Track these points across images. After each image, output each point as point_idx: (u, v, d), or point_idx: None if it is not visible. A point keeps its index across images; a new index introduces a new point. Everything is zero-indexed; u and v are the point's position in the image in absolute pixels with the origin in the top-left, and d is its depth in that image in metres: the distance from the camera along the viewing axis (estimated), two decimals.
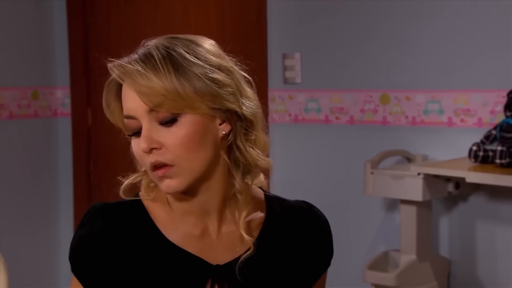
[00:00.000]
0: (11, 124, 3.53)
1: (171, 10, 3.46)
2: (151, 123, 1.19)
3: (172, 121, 1.18)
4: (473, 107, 2.87)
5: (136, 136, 1.21)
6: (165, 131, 1.18)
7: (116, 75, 1.20)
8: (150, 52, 1.20)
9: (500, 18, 2.78)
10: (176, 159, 1.18)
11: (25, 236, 3.59)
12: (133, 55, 1.21)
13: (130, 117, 1.21)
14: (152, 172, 1.20)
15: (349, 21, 3.08)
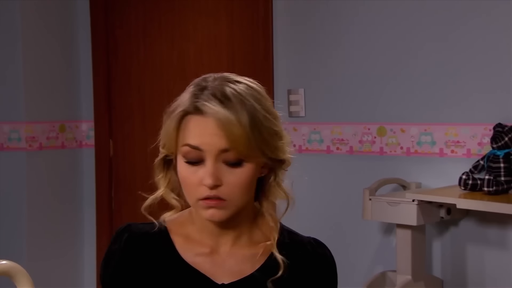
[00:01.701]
0: (41, 154, 3.54)
1: (186, 50, 3.50)
2: (218, 161, 1.18)
3: (237, 164, 1.18)
4: (462, 139, 2.88)
5: (193, 164, 1.19)
6: (228, 171, 1.18)
7: (202, 109, 1.17)
8: (231, 97, 1.18)
9: (488, 60, 2.80)
10: (231, 196, 1.19)
11: (52, 259, 3.60)
12: (215, 95, 1.18)
13: (198, 148, 1.18)
14: (201, 200, 1.19)
15: (349, 60, 3.10)
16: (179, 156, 1.21)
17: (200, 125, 1.18)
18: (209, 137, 1.17)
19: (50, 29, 3.58)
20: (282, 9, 3.24)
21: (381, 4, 3.03)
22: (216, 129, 1.17)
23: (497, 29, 2.78)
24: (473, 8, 2.83)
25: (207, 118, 1.17)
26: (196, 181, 1.19)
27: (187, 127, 1.19)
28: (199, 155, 1.19)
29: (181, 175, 1.22)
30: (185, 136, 1.19)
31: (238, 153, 1.17)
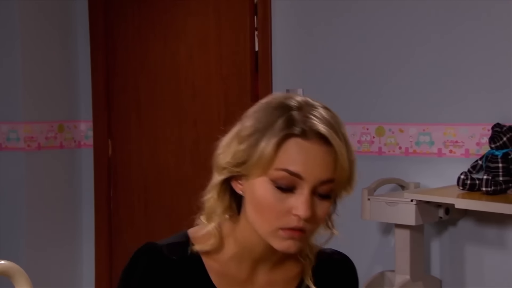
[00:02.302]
0: (40, 154, 3.55)
1: (176, 50, 3.48)
2: (313, 191, 1.10)
3: (326, 197, 1.12)
4: (461, 139, 2.87)
5: (283, 191, 1.10)
6: (317, 203, 1.11)
7: (309, 134, 1.09)
8: (334, 125, 1.11)
9: (487, 60, 2.79)
10: (311, 228, 1.12)
11: (50, 258, 3.60)
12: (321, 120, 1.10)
13: (298, 176, 1.09)
14: (283, 230, 1.11)
15: (348, 60, 3.10)
16: (264, 180, 1.10)
17: (307, 151, 1.09)
18: (313, 166, 1.09)
19: (48, 29, 3.58)
20: (281, 10, 3.23)
21: (379, 4, 3.02)
22: (324, 158, 1.09)
23: (495, 29, 2.78)
24: (472, 8, 2.83)
25: (314, 144, 1.09)
26: (284, 209, 1.10)
27: (288, 151, 1.09)
28: (295, 182, 1.09)
29: (263, 200, 1.11)
30: (283, 160, 1.09)
31: (337, 185, 1.11)
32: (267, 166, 1.10)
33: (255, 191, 1.12)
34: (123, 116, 3.63)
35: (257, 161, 1.10)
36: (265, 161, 1.10)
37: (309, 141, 1.09)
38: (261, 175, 1.11)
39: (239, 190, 1.15)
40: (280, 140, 1.09)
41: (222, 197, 1.18)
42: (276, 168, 1.10)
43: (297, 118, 1.10)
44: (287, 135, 1.10)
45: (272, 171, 1.10)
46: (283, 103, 1.13)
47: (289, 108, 1.12)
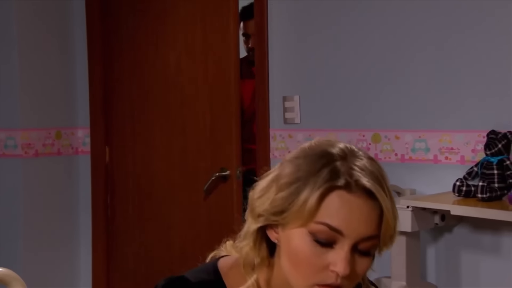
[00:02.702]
0: (37, 161, 3.55)
1: (166, 58, 3.48)
2: (353, 248, 1.05)
3: (366, 254, 1.06)
4: (456, 146, 2.87)
5: (321, 245, 1.05)
6: (357, 260, 1.06)
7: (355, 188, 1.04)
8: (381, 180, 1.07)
9: (483, 67, 2.80)
10: (349, 285, 1.07)
11: (48, 264, 3.59)
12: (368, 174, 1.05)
13: (338, 231, 1.04)
14: (318, 286, 1.05)
15: (344, 67, 3.10)
16: (303, 231, 1.05)
17: (350, 205, 1.04)
18: (356, 222, 1.03)
19: (46, 38, 3.59)
20: (277, 16, 3.24)
21: (376, 12, 3.03)
22: (366, 212, 1.04)
23: (491, 37, 2.78)
24: (467, 17, 2.83)
25: (358, 198, 1.04)
26: (321, 264, 1.04)
27: (330, 204, 1.03)
28: (335, 237, 1.04)
29: (300, 253, 1.05)
30: (324, 214, 1.03)
31: (377, 241, 1.06)
32: (308, 218, 1.04)
33: (292, 243, 1.06)
34: (120, 123, 3.64)
35: (297, 212, 1.05)
36: (306, 213, 1.04)
37: (353, 194, 1.04)
38: (300, 226, 1.05)
39: (274, 239, 1.10)
40: (323, 192, 1.04)
41: (259, 246, 1.12)
42: (317, 221, 1.04)
43: (341, 169, 1.05)
44: (331, 187, 1.04)
45: (312, 223, 1.04)
46: (326, 151, 1.08)
47: (332, 157, 1.07)
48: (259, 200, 1.09)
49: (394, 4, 2.98)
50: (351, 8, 3.08)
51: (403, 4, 2.96)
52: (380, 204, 1.05)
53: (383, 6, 3.00)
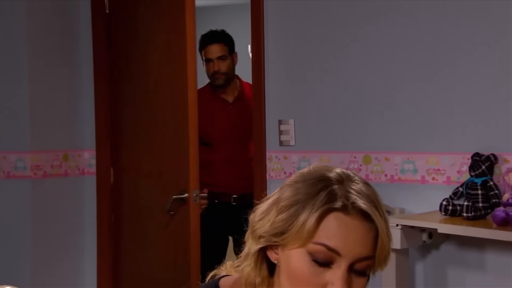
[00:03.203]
0: (46, 182, 3.56)
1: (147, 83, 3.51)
2: (349, 268, 1.05)
3: (362, 274, 1.06)
4: (442, 167, 2.89)
5: (319, 265, 1.05)
6: (354, 279, 1.05)
7: (351, 210, 1.05)
8: (376, 203, 1.07)
9: (468, 97, 2.83)
10: None
11: (54, 283, 3.59)
12: (364, 197, 1.05)
13: (335, 252, 1.04)
14: None
15: (337, 92, 3.13)
16: (301, 252, 1.05)
17: (347, 227, 1.04)
18: (353, 243, 1.04)
19: (55, 66, 3.62)
20: (272, 46, 3.27)
21: (365, 40, 3.06)
22: (362, 233, 1.04)
23: (476, 70, 2.81)
24: (454, 50, 2.86)
25: (355, 220, 1.04)
26: (319, 283, 1.04)
27: (328, 226, 1.04)
28: (332, 257, 1.04)
29: (298, 272, 1.05)
30: (322, 235, 1.04)
31: (373, 262, 1.06)
32: (306, 239, 1.04)
33: (291, 262, 1.06)
34: (124, 146, 3.65)
35: (296, 233, 1.05)
36: (305, 234, 1.04)
37: (350, 216, 1.04)
38: (299, 247, 1.05)
39: (274, 259, 1.10)
40: (321, 214, 1.04)
41: (260, 266, 1.12)
42: (315, 241, 1.04)
43: (338, 192, 1.06)
44: (328, 209, 1.04)
45: (310, 244, 1.04)
46: (324, 176, 1.09)
47: (330, 181, 1.07)
48: (260, 222, 1.10)
49: (384, 32, 3.01)
50: (342, 37, 3.11)
51: (392, 34, 3.00)
52: (376, 226, 1.05)
53: (372, 34, 3.04)
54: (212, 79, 3.30)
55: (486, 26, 2.79)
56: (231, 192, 3.41)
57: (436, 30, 2.90)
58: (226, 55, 3.27)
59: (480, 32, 2.81)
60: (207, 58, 3.30)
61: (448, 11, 2.87)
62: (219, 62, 3.24)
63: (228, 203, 3.42)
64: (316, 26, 3.17)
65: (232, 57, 3.31)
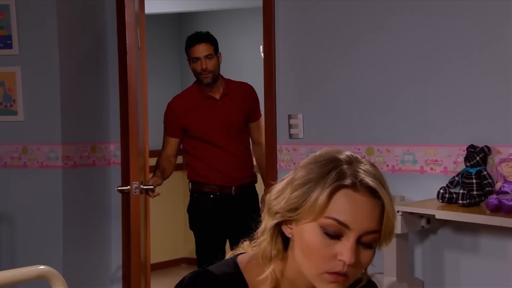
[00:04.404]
0: (75, 171, 3.58)
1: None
2: (358, 240, 1.06)
3: (369, 246, 1.07)
4: (440, 158, 2.89)
5: (330, 237, 1.06)
6: (361, 251, 1.07)
7: (360, 186, 1.06)
8: (381, 181, 1.09)
9: (464, 92, 2.82)
10: (354, 275, 1.08)
11: (84, 263, 3.63)
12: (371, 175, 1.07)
13: (345, 225, 1.05)
14: (328, 274, 1.06)
15: (342, 89, 3.12)
16: (314, 225, 1.06)
17: (356, 202, 1.05)
18: (361, 217, 1.05)
19: (84, 66, 3.63)
20: (282, 45, 3.27)
21: (369, 40, 3.05)
22: (370, 208, 1.05)
23: (472, 69, 2.81)
24: (451, 51, 2.85)
25: (363, 196, 1.06)
26: (330, 254, 1.05)
27: (338, 201, 1.05)
28: (341, 231, 1.05)
29: (310, 243, 1.06)
30: (334, 210, 1.05)
31: (379, 235, 1.07)
32: (318, 214, 1.06)
33: (304, 236, 1.07)
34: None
35: (309, 209, 1.06)
36: (317, 209, 1.06)
37: (358, 193, 1.06)
38: (311, 221, 1.07)
39: (288, 233, 1.11)
40: (332, 190, 1.06)
41: (275, 240, 1.12)
42: (326, 216, 1.06)
43: (347, 171, 1.07)
44: (338, 186, 1.06)
45: (322, 218, 1.06)
46: (334, 157, 1.10)
47: (340, 162, 1.09)
48: (276, 200, 1.11)
49: (387, 33, 3.00)
50: (347, 38, 3.10)
51: (395, 34, 2.99)
52: (382, 202, 1.06)
53: (376, 34, 3.03)
54: (200, 78, 3.27)
55: (483, 25, 2.78)
56: (231, 184, 3.35)
57: (435, 31, 2.89)
58: (212, 54, 3.24)
59: (477, 30, 2.79)
60: (194, 57, 3.26)
61: (447, 12, 2.86)
62: (206, 60, 3.21)
63: (229, 194, 3.36)
64: (323, 27, 3.16)
65: (217, 57, 3.29)
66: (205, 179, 3.31)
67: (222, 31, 5.42)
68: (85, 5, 3.63)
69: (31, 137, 3.54)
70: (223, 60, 3.42)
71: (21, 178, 3.56)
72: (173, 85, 5.57)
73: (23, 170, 3.57)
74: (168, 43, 5.72)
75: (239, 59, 5.44)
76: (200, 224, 3.32)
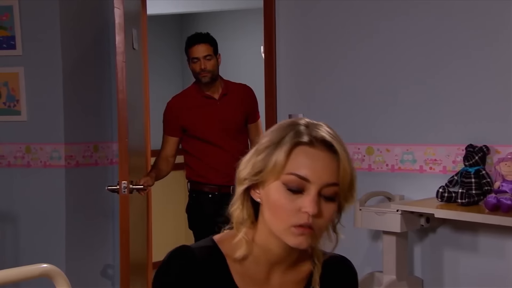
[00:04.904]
0: (78, 170, 3.58)
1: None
2: (319, 193, 1.10)
3: (331, 199, 1.11)
4: (439, 157, 2.89)
5: (293, 192, 1.10)
6: (323, 204, 1.11)
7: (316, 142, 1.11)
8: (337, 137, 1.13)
9: (461, 92, 2.82)
10: (319, 227, 1.12)
11: (86, 261, 3.63)
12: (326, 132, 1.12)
13: (306, 179, 1.09)
14: (294, 227, 1.10)
15: (342, 89, 3.13)
16: (277, 183, 1.11)
17: (313, 157, 1.10)
18: (320, 171, 1.09)
19: (87, 69, 3.63)
20: (283, 46, 3.27)
21: (370, 43, 3.05)
22: (327, 162, 1.09)
23: (470, 72, 2.81)
24: (450, 53, 2.85)
25: (319, 151, 1.10)
26: (294, 208, 1.09)
27: (297, 158, 1.10)
28: (303, 185, 1.10)
29: (275, 201, 1.11)
30: (293, 166, 1.10)
31: (338, 188, 1.10)
32: (280, 172, 1.10)
33: (270, 195, 1.12)
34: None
35: (271, 168, 1.11)
36: (278, 168, 1.10)
37: (315, 148, 1.10)
38: (275, 180, 1.11)
39: (257, 198, 1.15)
40: (290, 148, 1.10)
41: (246, 205, 1.17)
42: (287, 172, 1.10)
43: (304, 131, 1.12)
44: (296, 144, 1.10)
45: (283, 175, 1.10)
46: (293, 121, 1.16)
47: (298, 124, 1.14)
48: (244, 169, 1.16)
49: (386, 35, 3.01)
50: (347, 39, 3.11)
51: (394, 36, 2.99)
52: (339, 155, 1.10)
53: (375, 36, 3.03)
54: (198, 77, 3.27)
55: (483, 25, 2.78)
56: (230, 183, 3.35)
57: (435, 32, 2.89)
58: (211, 54, 3.24)
59: (476, 30, 2.79)
60: (194, 57, 3.26)
61: (447, 12, 2.87)
62: (205, 60, 3.21)
63: (228, 194, 3.35)
64: (323, 28, 3.16)
65: (217, 58, 3.29)
66: (204, 178, 3.30)
67: (223, 31, 5.42)
68: (87, 6, 3.63)
69: (34, 136, 3.55)
70: (223, 61, 3.42)
71: (24, 178, 3.57)
72: (175, 85, 5.57)
73: (26, 169, 3.57)
74: (170, 43, 5.72)
75: (239, 59, 5.44)
76: (199, 224, 3.31)
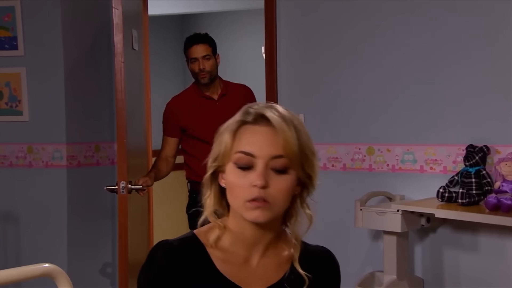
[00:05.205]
0: (80, 170, 3.58)
1: None
2: (267, 167, 1.14)
3: (282, 172, 1.15)
4: (439, 158, 2.89)
5: (243, 169, 1.15)
6: (275, 177, 1.14)
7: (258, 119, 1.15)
8: (282, 112, 1.16)
9: (463, 94, 2.82)
10: (274, 199, 1.15)
11: (88, 261, 3.63)
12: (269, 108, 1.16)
13: (251, 155, 1.14)
14: (248, 202, 1.14)
15: (343, 90, 3.12)
16: (230, 164, 1.17)
17: (256, 133, 1.15)
18: (264, 145, 1.14)
19: (88, 68, 3.62)
20: (284, 46, 3.27)
21: (370, 43, 3.05)
22: (270, 137, 1.14)
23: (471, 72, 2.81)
24: (450, 54, 2.85)
25: (262, 127, 1.15)
26: (246, 184, 1.14)
27: (242, 136, 1.16)
28: (251, 161, 1.14)
29: (231, 180, 1.16)
30: (239, 144, 1.16)
31: (286, 161, 1.14)
32: (229, 153, 1.16)
33: (227, 177, 1.18)
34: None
35: (223, 152, 1.17)
36: (227, 148, 1.17)
37: (258, 125, 1.15)
38: (228, 162, 1.17)
39: (223, 184, 1.20)
40: (235, 128, 1.16)
41: (214, 192, 1.22)
42: (235, 151, 1.16)
43: (251, 111, 1.17)
44: (240, 124, 1.16)
45: (233, 155, 1.16)
46: (245, 106, 1.20)
47: (249, 107, 1.19)
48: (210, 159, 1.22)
49: (386, 35, 3.01)
50: (347, 39, 3.10)
51: (394, 36, 2.99)
52: (277, 129, 1.13)
53: (376, 36, 3.03)
54: (197, 77, 3.27)
55: (483, 25, 2.78)
56: None
57: (435, 32, 2.89)
58: (210, 55, 3.24)
59: (476, 31, 2.79)
60: (192, 58, 3.26)
61: (447, 13, 2.86)
62: (204, 61, 3.20)
63: None
64: (324, 28, 3.16)
65: (215, 58, 3.28)
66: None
67: (224, 32, 5.42)
68: (89, 7, 3.63)
69: (36, 137, 3.54)
70: (224, 62, 3.43)
71: (26, 178, 3.56)
72: (176, 85, 5.57)
73: (28, 169, 3.57)
74: (171, 44, 5.72)
75: (240, 60, 5.44)
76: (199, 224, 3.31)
